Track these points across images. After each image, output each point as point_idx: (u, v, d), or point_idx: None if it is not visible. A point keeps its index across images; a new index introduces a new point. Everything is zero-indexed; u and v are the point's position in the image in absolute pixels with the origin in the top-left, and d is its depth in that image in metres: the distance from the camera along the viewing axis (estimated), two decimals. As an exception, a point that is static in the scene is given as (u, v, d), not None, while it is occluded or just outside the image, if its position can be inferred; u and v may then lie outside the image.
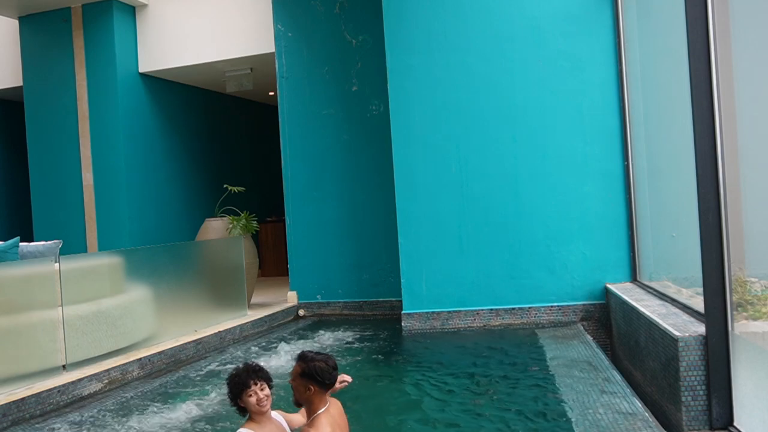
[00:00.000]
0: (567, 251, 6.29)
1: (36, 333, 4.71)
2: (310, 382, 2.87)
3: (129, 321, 5.53)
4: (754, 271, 3.46)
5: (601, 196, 6.24)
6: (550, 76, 6.34)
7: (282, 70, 7.97)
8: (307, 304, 7.84)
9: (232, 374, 3.04)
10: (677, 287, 4.78)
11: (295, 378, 2.91)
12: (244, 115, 11.68)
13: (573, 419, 3.46)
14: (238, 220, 7.59)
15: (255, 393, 2.95)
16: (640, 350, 4.56)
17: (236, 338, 6.49)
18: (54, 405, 4.41)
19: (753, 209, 3.49)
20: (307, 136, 7.91)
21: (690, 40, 3.49)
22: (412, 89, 6.60)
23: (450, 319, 6.43)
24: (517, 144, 6.40)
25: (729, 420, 3.41)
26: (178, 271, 6.44)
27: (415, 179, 6.58)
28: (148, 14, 8.90)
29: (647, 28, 5.58)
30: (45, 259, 5.01)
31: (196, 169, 10.08)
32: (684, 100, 3.65)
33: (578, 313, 6.22)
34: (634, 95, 5.96)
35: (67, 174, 8.83)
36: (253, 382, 2.97)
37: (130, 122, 8.81)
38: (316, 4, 7.85)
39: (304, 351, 3.01)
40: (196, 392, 4.66)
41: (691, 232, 3.65)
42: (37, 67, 8.95)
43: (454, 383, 4.50)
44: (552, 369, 4.56)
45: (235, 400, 3.01)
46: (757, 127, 3.51)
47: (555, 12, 6.34)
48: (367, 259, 7.68)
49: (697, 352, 3.49)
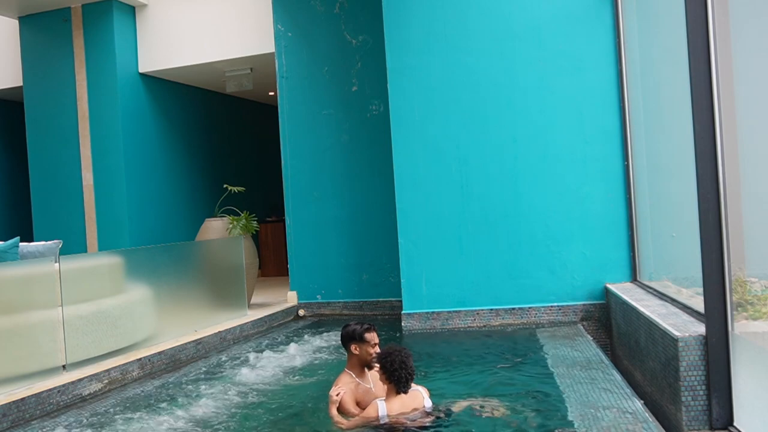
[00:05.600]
0: (567, 251, 6.29)
1: (36, 333, 4.71)
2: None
3: (129, 321, 5.53)
4: (754, 271, 3.46)
5: (601, 196, 6.24)
6: (550, 76, 6.34)
7: (282, 70, 7.97)
8: (307, 304, 7.84)
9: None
10: (677, 287, 4.78)
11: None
12: (244, 115, 11.68)
13: (573, 419, 3.46)
14: (238, 220, 7.59)
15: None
16: (640, 350, 4.56)
17: (236, 338, 6.50)
18: (54, 405, 4.41)
19: (753, 209, 3.49)
20: (307, 136, 7.91)
21: (690, 40, 3.49)
22: (412, 89, 6.60)
23: (450, 319, 6.43)
24: (517, 144, 6.40)
25: (729, 420, 3.41)
26: (178, 271, 6.44)
27: (415, 179, 6.58)
28: (148, 14, 8.90)
29: (647, 28, 5.58)
30: (45, 259, 5.01)
31: (196, 169, 10.08)
32: (684, 101, 3.65)
33: (578, 313, 6.23)
34: (634, 95, 5.96)
35: (67, 174, 8.84)
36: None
37: (130, 122, 8.81)
38: (316, 4, 7.85)
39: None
40: (196, 392, 4.66)
41: (691, 232, 3.65)
42: (37, 67, 8.95)
43: (454, 383, 4.50)
44: (552, 369, 4.57)
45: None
46: (757, 127, 3.51)
47: (555, 12, 6.34)
48: (367, 259, 7.68)
49: (697, 352, 3.49)
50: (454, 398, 3.97)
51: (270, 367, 5.23)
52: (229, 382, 4.89)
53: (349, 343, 3.84)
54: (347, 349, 3.87)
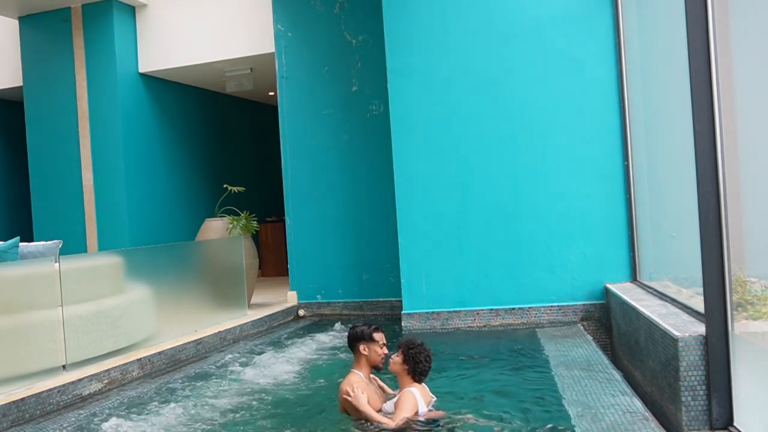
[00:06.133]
0: (567, 251, 6.29)
1: (36, 333, 4.71)
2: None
3: (129, 321, 5.53)
4: (754, 271, 3.46)
5: (601, 196, 6.24)
6: (550, 76, 6.34)
7: (282, 70, 7.97)
8: (307, 304, 7.84)
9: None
10: (677, 287, 4.78)
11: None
12: (244, 115, 11.68)
13: (573, 419, 3.46)
14: (238, 220, 7.60)
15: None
16: (640, 350, 4.56)
17: (236, 338, 6.50)
18: (54, 405, 4.41)
19: (753, 209, 3.49)
20: (307, 136, 7.91)
21: (690, 40, 3.49)
22: (412, 89, 6.60)
23: (450, 319, 6.43)
24: (517, 144, 6.40)
25: (729, 420, 3.41)
26: (178, 271, 6.44)
27: (415, 179, 6.58)
28: (148, 14, 8.90)
29: (647, 28, 5.58)
30: (45, 259, 5.01)
31: (196, 169, 10.08)
32: (684, 100, 3.65)
33: (578, 313, 6.22)
34: (634, 95, 5.96)
35: (67, 174, 8.83)
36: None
37: (130, 122, 8.81)
38: (316, 4, 7.85)
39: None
40: (196, 392, 4.66)
41: (691, 232, 3.65)
42: (37, 67, 8.95)
43: (454, 383, 4.49)
44: (552, 369, 4.56)
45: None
46: (757, 127, 3.51)
47: (555, 12, 6.34)
48: (367, 259, 7.68)
49: (697, 352, 3.49)
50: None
51: (270, 367, 5.23)
52: (229, 382, 4.89)
53: (357, 344, 3.83)
54: (355, 350, 3.85)
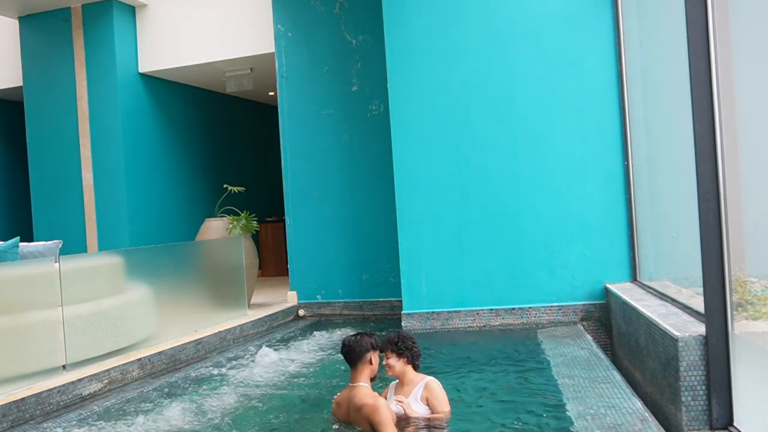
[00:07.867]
0: (567, 251, 6.29)
1: (36, 333, 4.71)
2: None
3: (129, 321, 5.53)
4: (754, 271, 3.46)
5: (601, 196, 6.24)
6: (550, 76, 6.34)
7: (282, 70, 7.97)
8: (307, 304, 7.84)
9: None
10: (677, 287, 4.78)
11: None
12: (244, 115, 11.68)
13: (573, 419, 3.46)
14: (238, 220, 7.60)
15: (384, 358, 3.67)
16: (640, 350, 4.56)
17: (236, 338, 6.49)
18: (54, 405, 4.41)
19: (753, 209, 3.49)
20: (307, 136, 7.91)
21: (690, 40, 3.49)
22: (412, 89, 6.60)
23: (450, 319, 6.43)
24: (517, 144, 6.40)
25: (729, 420, 3.41)
26: (178, 271, 6.44)
27: (415, 179, 6.58)
28: (148, 14, 8.90)
29: (647, 28, 5.58)
30: (45, 259, 5.01)
31: (196, 169, 10.08)
32: (684, 100, 3.65)
33: (578, 313, 6.22)
34: (634, 95, 5.96)
35: (67, 174, 8.83)
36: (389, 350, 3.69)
37: (130, 122, 8.81)
38: (316, 4, 7.85)
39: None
40: (196, 392, 4.66)
41: (691, 232, 3.65)
42: (37, 67, 8.95)
43: (454, 383, 4.49)
44: (552, 369, 4.56)
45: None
46: (757, 126, 3.51)
47: (555, 12, 6.34)
48: (367, 259, 7.68)
49: (697, 352, 3.49)
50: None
51: (270, 367, 5.23)
52: (229, 382, 4.89)
53: (367, 354, 3.60)
54: (362, 361, 3.59)
